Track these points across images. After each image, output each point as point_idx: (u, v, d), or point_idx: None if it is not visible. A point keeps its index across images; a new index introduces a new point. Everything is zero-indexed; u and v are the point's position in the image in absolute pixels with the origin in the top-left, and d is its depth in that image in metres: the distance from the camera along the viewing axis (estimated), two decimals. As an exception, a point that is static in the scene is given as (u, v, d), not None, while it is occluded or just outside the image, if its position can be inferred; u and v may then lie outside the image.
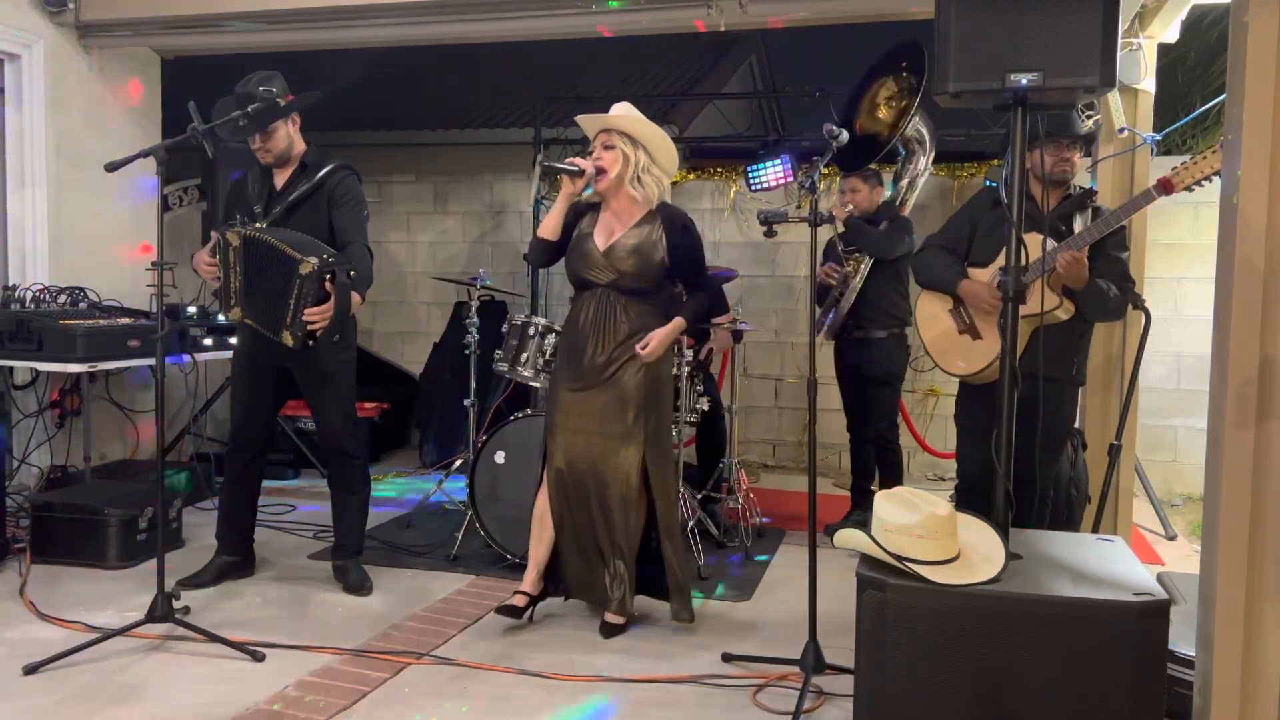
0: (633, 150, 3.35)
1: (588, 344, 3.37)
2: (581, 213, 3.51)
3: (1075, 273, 3.11)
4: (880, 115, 4.66)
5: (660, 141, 3.40)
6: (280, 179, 3.76)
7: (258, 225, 3.57)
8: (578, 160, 3.38)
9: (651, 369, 3.38)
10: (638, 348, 3.35)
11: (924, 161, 4.84)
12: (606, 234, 3.41)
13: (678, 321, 3.42)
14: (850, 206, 4.71)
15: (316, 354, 3.66)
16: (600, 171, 3.35)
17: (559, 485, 3.39)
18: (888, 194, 4.86)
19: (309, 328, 3.45)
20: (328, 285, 3.45)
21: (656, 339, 3.36)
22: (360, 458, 3.89)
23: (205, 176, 5.88)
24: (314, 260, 3.40)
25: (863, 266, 4.67)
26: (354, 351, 3.88)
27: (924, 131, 4.74)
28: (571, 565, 3.49)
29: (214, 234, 3.57)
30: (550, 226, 3.45)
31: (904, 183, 4.84)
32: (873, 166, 4.75)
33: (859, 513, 4.73)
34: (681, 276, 3.49)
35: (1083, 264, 3.10)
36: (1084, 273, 3.11)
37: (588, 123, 3.43)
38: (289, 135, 3.72)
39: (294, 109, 3.70)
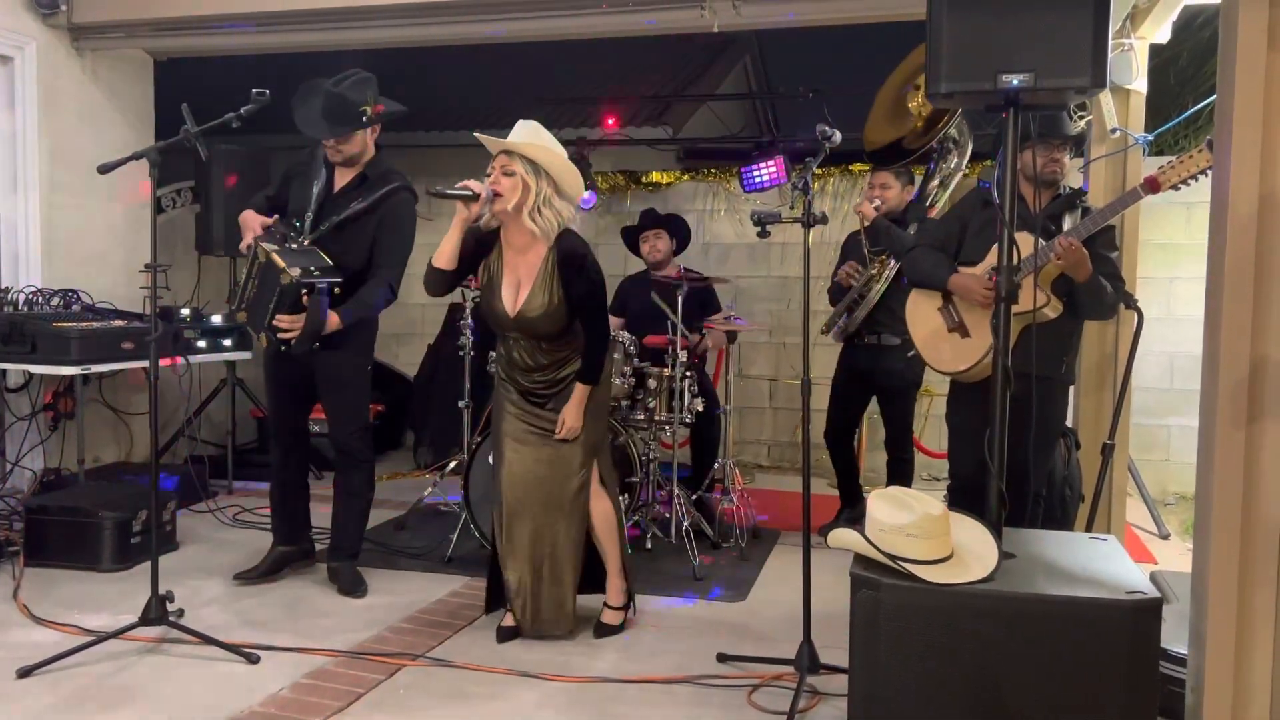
0: (534, 179, 3.10)
1: (522, 374, 3.32)
2: (485, 243, 3.29)
3: (1076, 260, 3.10)
4: (912, 106, 4.45)
5: (565, 170, 3.17)
6: (340, 179, 3.77)
7: (291, 246, 3.58)
8: (470, 183, 3.10)
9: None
10: (557, 436, 3.27)
11: (957, 160, 4.63)
12: (513, 293, 3.23)
13: (581, 389, 3.25)
14: (879, 203, 4.44)
15: (335, 358, 3.70)
16: (496, 196, 3.11)
17: (508, 495, 3.33)
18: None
19: (279, 334, 3.52)
20: (304, 298, 3.49)
21: (570, 417, 3.25)
22: (368, 462, 3.91)
23: (198, 179, 5.88)
24: (295, 271, 3.45)
25: (888, 270, 4.50)
26: (370, 359, 3.92)
27: (962, 128, 4.51)
28: (521, 590, 3.34)
29: (256, 242, 3.57)
30: (445, 255, 3.18)
31: (934, 182, 4.67)
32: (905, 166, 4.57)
33: (849, 510, 4.72)
34: (580, 320, 3.29)
35: (1083, 252, 3.10)
36: (1085, 260, 3.11)
37: (489, 143, 3.19)
38: (364, 141, 3.74)
39: (376, 122, 3.71)
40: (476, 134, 3.24)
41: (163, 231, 5.46)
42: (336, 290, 3.57)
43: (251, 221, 3.66)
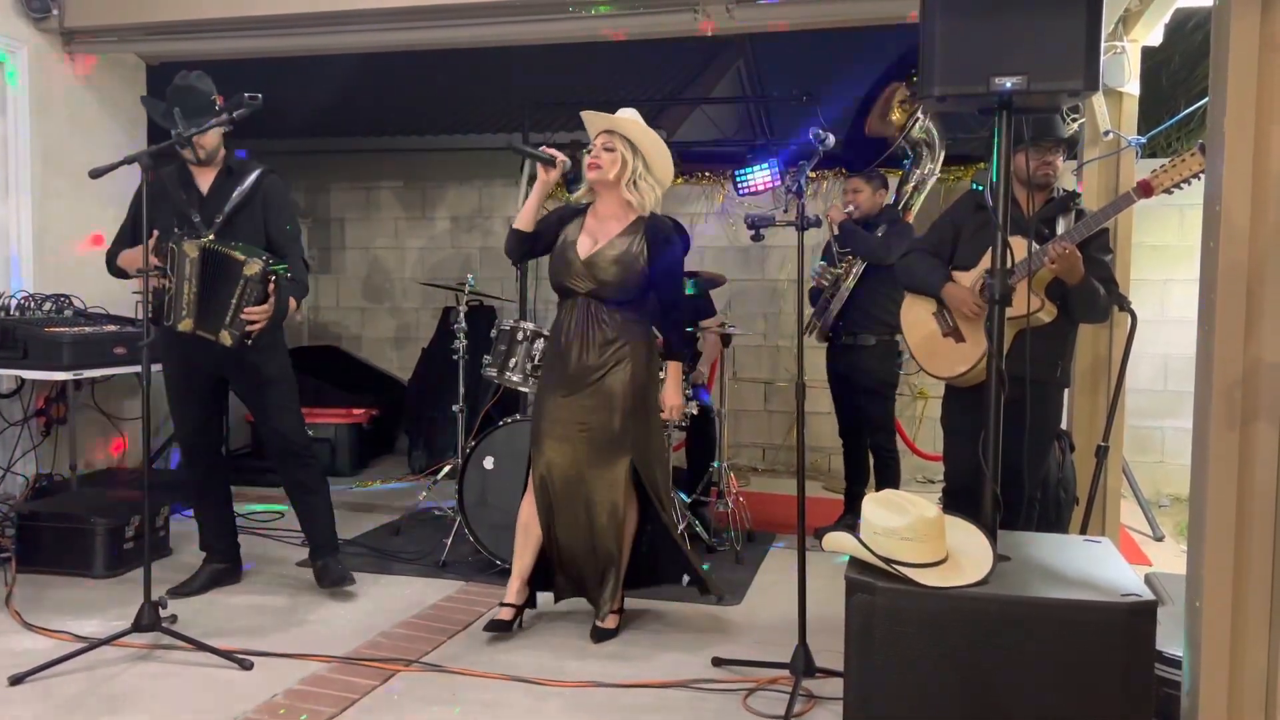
0: (631, 155, 3.34)
1: (571, 352, 3.37)
2: (567, 217, 3.49)
3: (1070, 265, 3.11)
4: (894, 118, 4.65)
5: (659, 153, 3.39)
6: (204, 182, 3.69)
7: (209, 237, 3.53)
8: (550, 150, 3.34)
9: (637, 374, 3.37)
10: (663, 416, 3.43)
11: (931, 165, 4.80)
12: (590, 242, 3.39)
13: (674, 368, 3.47)
14: (851, 208, 4.66)
15: (253, 359, 3.64)
16: (595, 168, 3.34)
17: (544, 491, 3.38)
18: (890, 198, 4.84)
19: (247, 327, 3.47)
20: (270, 287, 3.48)
21: (670, 396, 3.45)
22: (314, 456, 3.90)
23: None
24: (258, 262, 3.44)
25: (854, 270, 4.65)
26: (288, 354, 3.87)
27: (933, 134, 4.69)
28: (563, 565, 3.48)
29: (170, 246, 3.48)
30: (524, 218, 3.42)
31: (909, 186, 4.79)
32: (878, 169, 4.75)
33: (850, 516, 4.73)
34: (657, 293, 3.43)
35: (1076, 256, 3.10)
36: (1079, 265, 3.12)
37: (592, 119, 3.42)
38: (218, 136, 3.67)
39: (225, 111, 3.55)
40: (583, 113, 3.45)
41: (155, 236, 5.44)
42: (290, 277, 3.57)
43: (135, 253, 3.44)
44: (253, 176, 3.69)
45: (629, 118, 3.39)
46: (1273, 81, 2.12)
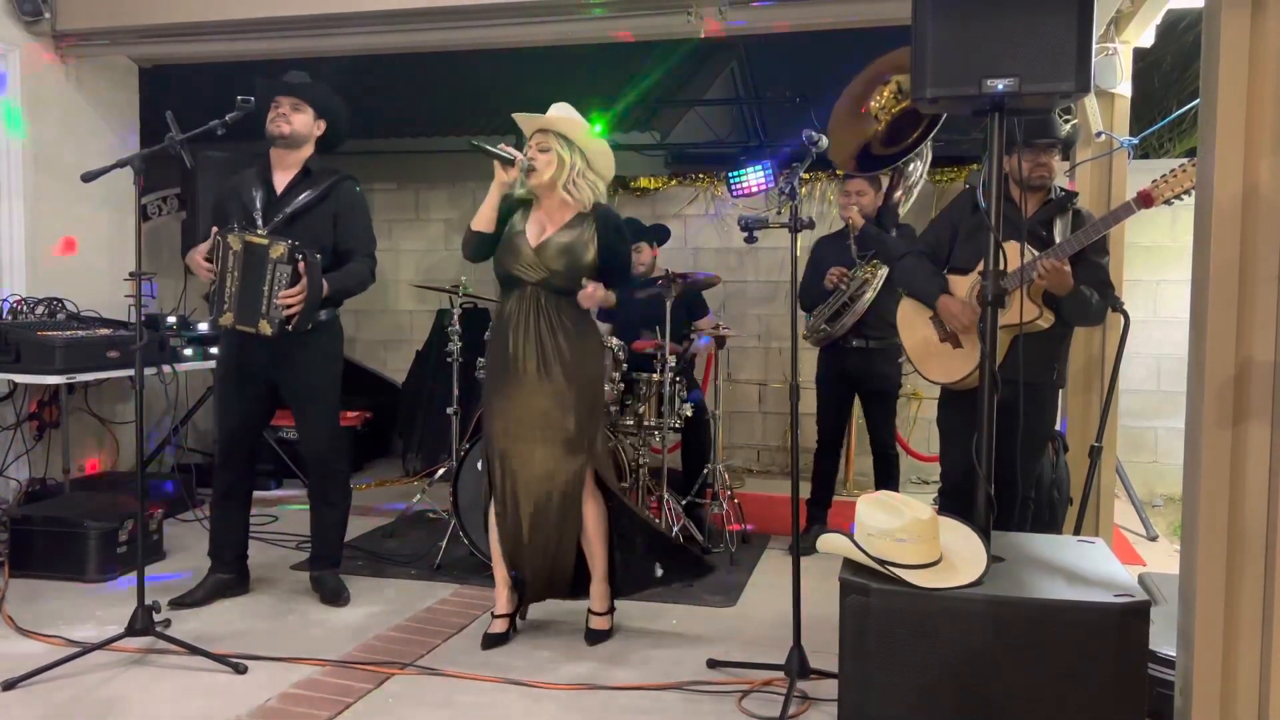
0: (569, 154, 3.28)
1: (517, 346, 3.29)
2: (513, 208, 3.41)
3: (1058, 280, 3.13)
4: (873, 105, 4.54)
5: (597, 147, 3.35)
6: (280, 181, 3.71)
7: (259, 231, 3.54)
8: (510, 148, 3.27)
9: (581, 371, 3.31)
10: (580, 296, 3.29)
11: (920, 169, 4.74)
12: (539, 230, 3.33)
13: (608, 294, 3.37)
14: (856, 208, 4.59)
15: (304, 363, 3.64)
16: (532, 170, 3.26)
17: (505, 493, 3.31)
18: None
19: (285, 311, 3.48)
20: (300, 267, 3.47)
21: (593, 287, 3.30)
22: (342, 470, 3.88)
23: (184, 186, 5.85)
24: (283, 244, 3.44)
25: (880, 274, 4.54)
26: (341, 363, 3.87)
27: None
28: (533, 568, 3.38)
29: (215, 234, 3.52)
30: (483, 218, 3.33)
31: (898, 193, 4.77)
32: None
33: (819, 527, 4.57)
34: (604, 278, 3.37)
35: (1065, 271, 3.11)
36: (1067, 279, 3.13)
37: (525, 122, 3.35)
38: (310, 126, 3.71)
39: (324, 104, 3.73)
40: (515, 115, 3.38)
41: (148, 239, 5.40)
42: (318, 255, 3.55)
43: (197, 254, 3.57)
44: (328, 181, 3.71)
45: (563, 115, 3.30)
46: (1264, 82, 2.13)
